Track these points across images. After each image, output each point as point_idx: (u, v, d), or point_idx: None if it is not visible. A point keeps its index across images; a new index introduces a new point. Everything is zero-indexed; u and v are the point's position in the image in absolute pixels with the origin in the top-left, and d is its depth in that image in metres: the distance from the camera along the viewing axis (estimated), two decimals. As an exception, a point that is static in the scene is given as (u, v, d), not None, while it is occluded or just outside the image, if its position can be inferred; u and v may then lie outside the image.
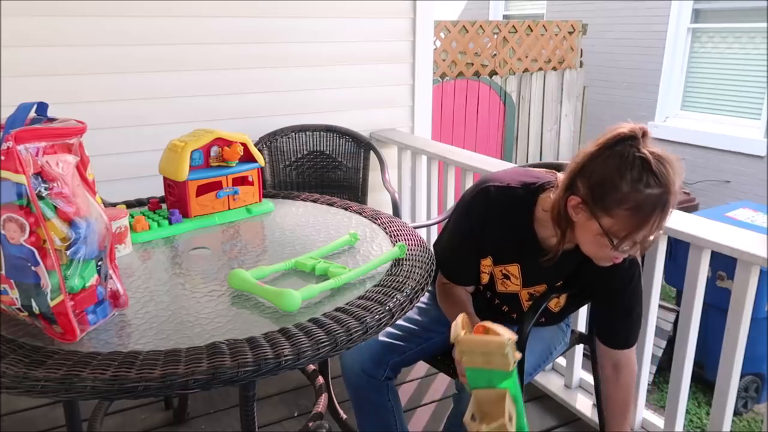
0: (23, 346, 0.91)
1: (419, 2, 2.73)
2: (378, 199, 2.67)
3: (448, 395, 2.14)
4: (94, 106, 2.20)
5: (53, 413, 2.01)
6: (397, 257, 1.27)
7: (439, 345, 1.53)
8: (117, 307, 1.02)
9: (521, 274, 1.38)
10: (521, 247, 1.34)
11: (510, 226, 1.33)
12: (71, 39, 2.12)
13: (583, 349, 2.05)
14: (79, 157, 0.96)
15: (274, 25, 2.46)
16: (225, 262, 1.28)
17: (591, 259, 1.24)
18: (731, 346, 1.56)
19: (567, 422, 2.02)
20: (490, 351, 0.93)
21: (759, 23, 5.43)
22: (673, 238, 1.69)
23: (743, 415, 2.75)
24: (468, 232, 1.38)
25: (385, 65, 2.76)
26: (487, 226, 1.34)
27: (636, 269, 1.31)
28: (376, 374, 1.44)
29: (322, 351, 0.92)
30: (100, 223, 0.95)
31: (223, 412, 2.04)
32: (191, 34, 2.32)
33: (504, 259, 1.38)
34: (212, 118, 2.37)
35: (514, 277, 1.39)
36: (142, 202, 1.64)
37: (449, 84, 5.28)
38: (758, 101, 5.55)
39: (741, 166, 5.58)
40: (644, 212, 1.09)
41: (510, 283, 1.40)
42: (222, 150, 1.54)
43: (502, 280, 1.41)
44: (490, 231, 1.34)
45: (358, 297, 1.10)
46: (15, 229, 0.85)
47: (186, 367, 0.85)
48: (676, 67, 6.14)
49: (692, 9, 6.01)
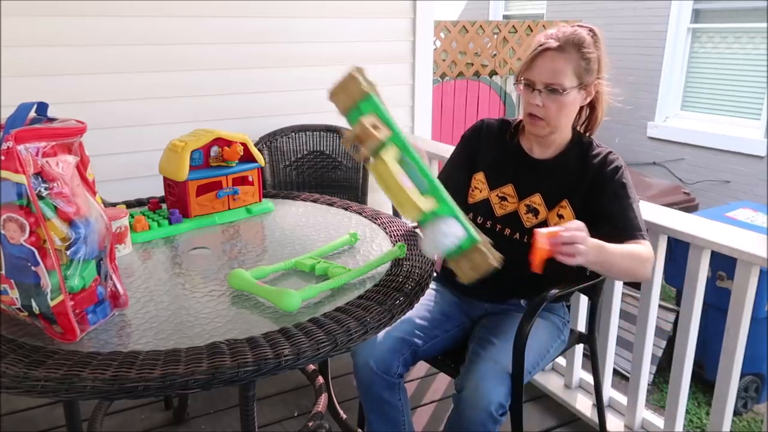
0: (23, 346, 0.91)
1: (419, 2, 2.73)
2: (378, 199, 2.66)
3: (448, 395, 2.14)
4: (94, 106, 2.20)
5: (53, 413, 2.01)
6: (396, 257, 1.27)
7: (444, 343, 1.54)
8: (117, 307, 1.02)
9: (516, 192, 1.49)
10: (513, 163, 1.51)
11: (502, 143, 1.53)
12: (71, 39, 2.12)
13: (583, 349, 2.05)
14: (79, 157, 0.96)
15: (274, 25, 2.46)
16: (225, 262, 1.28)
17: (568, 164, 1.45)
18: (731, 346, 1.56)
19: (567, 422, 2.02)
20: (344, 85, 1.06)
21: (759, 23, 5.43)
22: (673, 238, 1.69)
23: (743, 415, 2.75)
24: (465, 145, 1.60)
25: (385, 65, 2.76)
26: (481, 145, 1.55)
27: (617, 170, 1.42)
28: (389, 372, 1.44)
29: (322, 351, 0.92)
30: (100, 223, 0.96)
31: (223, 412, 2.04)
32: (191, 34, 2.32)
33: (500, 181, 1.52)
34: (212, 118, 2.37)
35: (510, 197, 1.50)
36: (142, 202, 1.64)
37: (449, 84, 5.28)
38: (758, 101, 5.55)
39: (741, 166, 5.58)
40: (530, 52, 1.40)
41: (507, 203, 1.50)
42: (222, 150, 1.54)
43: (500, 203, 1.51)
44: (485, 148, 1.55)
45: (358, 297, 1.10)
46: (15, 229, 0.85)
47: (186, 367, 0.85)
48: (676, 67, 6.14)
49: (692, 9, 6.01)
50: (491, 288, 1.53)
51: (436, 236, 1.06)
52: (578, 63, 1.37)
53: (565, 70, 1.36)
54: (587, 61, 1.38)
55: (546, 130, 1.43)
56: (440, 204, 1.07)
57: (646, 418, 1.91)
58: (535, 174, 1.49)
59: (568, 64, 1.36)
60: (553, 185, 1.47)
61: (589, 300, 1.68)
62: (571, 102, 1.40)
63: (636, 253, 1.34)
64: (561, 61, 1.36)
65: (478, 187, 1.55)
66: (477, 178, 1.55)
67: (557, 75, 1.36)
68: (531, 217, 1.48)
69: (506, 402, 1.30)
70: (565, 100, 1.38)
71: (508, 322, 1.47)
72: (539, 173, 1.48)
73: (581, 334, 1.69)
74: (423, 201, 1.05)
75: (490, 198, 1.53)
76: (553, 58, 1.36)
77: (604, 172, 1.43)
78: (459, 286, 1.58)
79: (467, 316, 1.59)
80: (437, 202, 1.07)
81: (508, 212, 1.50)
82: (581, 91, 1.41)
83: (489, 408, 1.27)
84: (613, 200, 1.41)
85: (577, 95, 1.40)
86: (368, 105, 1.05)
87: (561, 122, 1.42)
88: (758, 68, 5.53)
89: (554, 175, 1.47)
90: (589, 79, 1.40)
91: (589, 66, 1.38)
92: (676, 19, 6.07)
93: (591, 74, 1.40)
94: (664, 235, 1.70)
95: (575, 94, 1.39)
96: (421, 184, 1.07)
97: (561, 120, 1.42)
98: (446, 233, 1.06)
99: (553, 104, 1.38)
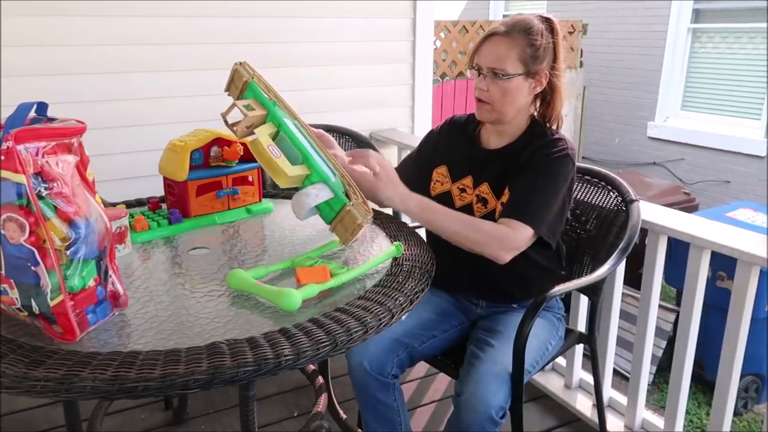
0: (23, 346, 0.91)
1: (419, 2, 2.73)
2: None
3: (448, 395, 2.14)
4: (94, 106, 2.20)
5: (53, 413, 2.01)
6: (394, 256, 1.27)
7: (441, 343, 1.54)
8: (117, 307, 1.02)
9: (473, 183, 1.50)
10: (470, 154, 1.52)
11: (465, 136, 1.55)
12: (71, 39, 2.12)
13: (583, 349, 2.05)
14: (79, 157, 0.96)
15: (274, 25, 2.46)
16: (225, 262, 1.28)
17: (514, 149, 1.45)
18: (731, 346, 1.56)
19: (567, 422, 2.02)
20: (231, 78, 1.30)
21: (759, 23, 5.43)
22: (673, 238, 1.69)
23: (743, 416, 2.75)
24: (426, 140, 1.63)
25: (385, 65, 2.76)
26: (446, 139, 1.58)
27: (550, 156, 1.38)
28: (382, 373, 1.44)
29: (322, 351, 0.92)
30: (100, 223, 0.95)
31: (223, 412, 2.04)
32: (191, 34, 2.32)
33: (460, 173, 1.52)
34: (212, 118, 2.35)
35: (468, 188, 1.51)
36: (142, 202, 1.64)
37: (449, 84, 5.28)
38: (758, 101, 5.55)
39: (741, 166, 5.58)
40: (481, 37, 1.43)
41: (466, 195, 1.51)
42: (222, 150, 1.54)
43: (460, 195, 1.52)
44: (448, 142, 1.57)
45: (358, 297, 1.10)
46: (15, 229, 0.85)
47: (186, 367, 0.85)
48: (676, 67, 6.14)
49: (692, 9, 6.01)
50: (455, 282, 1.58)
51: (299, 197, 1.19)
52: (524, 49, 1.36)
53: (509, 55, 1.35)
54: (534, 48, 1.36)
55: (492, 116, 1.42)
56: (312, 171, 1.21)
57: (646, 418, 1.91)
58: (484, 164, 1.48)
59: (512, 49, 1.35)
60: (500, 173, 1.45)
61: (589, 300, 1.68)
62: (515, 88, 1.38)
63: (478, 224, 1.33)
64: (505, 45, 1.36)
65: (440, 180, 1.55)
66: (439, 172, 1.55)
67: (500, 60, 1.36)
68: (481, 207, 1.47)
69: (506, 404, 1.30)
70: (507, 86, 1.37)
71: (505, 323, 1.47)
72: (488, 163, 1.48)
73: (581, 334, 1.69)
74: (291, 168, 1.18)
75: (451, 190, 1.53)
76: (498, 43, 1.37)
77: (537, 154, 1.39)
78: (449, 285, 1.58)
79: (465, 317, 1.59)
80: (309, 170, 1.21)
81: (465, 203, 1.50)
82: (528, 79, 1.39)
83: (489, 411, 1.26)
84: (524, 179, 1.38)
85: (523, 82, 1.38)
86: (250, 91, 1.26)
87: (506, 108, 1.40)
88: (758, 68, 5.53)
89: (500, 164, 1.45)
90: (536, 67, 1.38)
91: (536, 53, 1.37)
92: (676, 19, 6.07)
93: (539, 62, 1.38)
94: (664, 235, 1.70)
95: (520, 81, 1.38)
96: (296, 156, 1.22)
97: (506, 106, 1.40)
98: (308, 194, 1.18)
99: (497, 89, 1.38)
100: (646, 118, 6.36)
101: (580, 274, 1.67)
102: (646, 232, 1.73)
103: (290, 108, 1.30)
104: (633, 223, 1.55)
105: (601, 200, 1.67)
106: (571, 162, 1.39)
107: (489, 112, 1.42)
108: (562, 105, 1.47)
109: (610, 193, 1.65)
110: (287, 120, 1.25)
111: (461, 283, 1.58)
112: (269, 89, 1.29)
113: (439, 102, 5.13)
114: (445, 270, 1.35)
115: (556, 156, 1.38)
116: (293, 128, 1.25)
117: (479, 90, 1.41)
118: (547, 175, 1.37)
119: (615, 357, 2.00)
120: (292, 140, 1.23)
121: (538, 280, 1.49)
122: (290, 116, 1.28)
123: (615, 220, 1.61)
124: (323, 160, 1.25)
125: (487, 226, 1.33)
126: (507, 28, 1.37)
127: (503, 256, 1.31)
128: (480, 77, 1.40)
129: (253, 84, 1.26)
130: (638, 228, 1.55)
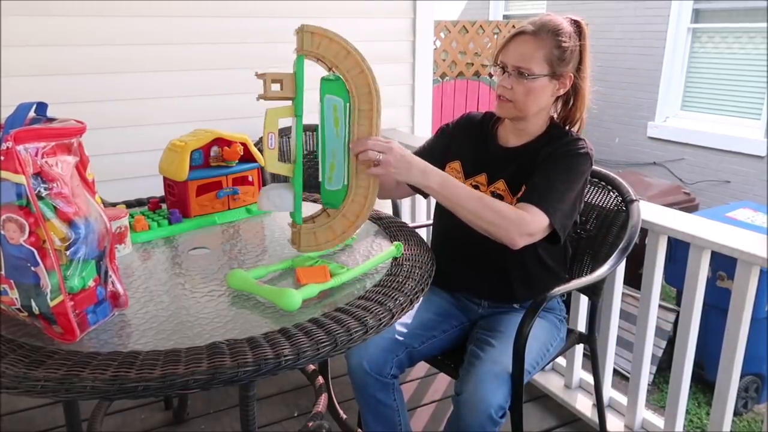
0: (23, 346, 0.91)
1: (419, 2, 2.73)
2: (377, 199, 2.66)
3: (448, 395, 2.14)
4: (94, 106, 2.20)
5: (53, 413, 2.01)
6: (394, 256, 1.27)
7: (441, 344, 1.54)
8: (117, 307, 1.02)
9: (487, 180, 1.48)
10: (486, 152, 1.51)
11: (481, 133, 1.54)
12: (71, 39, 2.12)
13: (583, 349, 2.05)
14: (79, 157, 0.96)
15: (274, 24, 2.45)
16: (225, 261, 1.28)
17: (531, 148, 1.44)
18: (731, 346, 1.56)
19: (567, 422, 2.02)
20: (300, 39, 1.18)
21: (759, 23, 5.43)
22: (673, 238, 1.69)
23: (743, 416, 2.75)
24: (440, 135, 1.60)
25: (385, 65, 2.75)
26: (459, 136, 1.56)
27: (569, 153, 1.39)
28: (381, 373, 1.44)
29: (322, 351, 0.92)
30: (99, 223, 0.95)
31: (223, 412, 2.04)
32: (191, 34, 2.32)
33: (475, 170, 1.50)
34: (212, 118, 2.36)
35: (482, 185, 1.48)
36: (142, 202, 1.64)
37: (449, 84, 5.28)
38: (758, 101, 5.55)
39: (741, 166, 5.57)
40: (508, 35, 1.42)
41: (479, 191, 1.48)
42: (222, 150, 1.54)
43: None
44: (462, 139, 1.55)
45: (358, 297, 1.10)
46: (15, 230, 0.85)
47: (186, 367, 0.85)
48: (676, 67, 6.13)
49: (692, 9, 6.01)
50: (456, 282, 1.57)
51: (262, 196, 1.23)
52: (551, 50, 1.35)
53: (535, 55, 1.35)
54: (561, 50, 1.36)
55: (512, 113, 1.41)
56: (294, 176, 1.23)
57: (646, 418, 1.91)
58: (501, 161, 1.47)
59: (539, 49, 1.35)
60: (516, 171, 1.44)
61: (589, 300, 1.68)
62: (540, 88, 1.37)
63: (498, 205, 1.30)
64: (532, 45, 1.35)
65: (453, 174, 1.53)
66: (452, 167, 1.53)
67: (527, 59, 1.35)
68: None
69: (506, 404, 1.30)
70: (532, 85, 1.37)
71: (505, 323, 1.47)
72: (505, 160, 1.47)
73: (581, 334, 1.69)
74: (276, 165, 1.21)
75: None
76: (526, 42, 1.36)
77: (558, 150, 1.40)
78: (450, 285, 1.58)
79: (466, 317, 1.59)
80: (294, 174, 1.23)
81: None
82: (553, 80, 1.38)
83: (488, 411, 1.26)
84: (544, 171, 1.37)
85: (547, 83, 1.38)
86: (297, 64, 1.19)
87: (529, 107, 1.40)
88: (758, 68, 5.52)
89: (517, 161, 1.45)
90: (562, 69, 1.38)
91: (563, 55, 1.36)
92: (676, 19, 6.07)
93: (565, 64, 1.38)
94: (664, 235, 1.70)
95: (545, 82, 1.37)
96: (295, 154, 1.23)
97: (529, 105, 1.39)
98: (271, 198, 1.22)
99: (521, 88, 1.37)
100: (646, 118, 6.35)
101: (580, 274, 1.67)
102: (646, 232, 1.73)
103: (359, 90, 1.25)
104: (633, 223, 1.54)
105: (601, 200, 1.67)
106: (590, 161, 1.40)
107: (510, 109, 1.41)
108: (585, 109, 1.47)
109: (610, 193, 1.65)
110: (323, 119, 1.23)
111: (462, 282, 1.58)
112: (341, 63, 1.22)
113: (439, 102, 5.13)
114: (446, 270, 1.35)
115: (577, 152, 1.39)
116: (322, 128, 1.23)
117: (502, 88, 1.40)
118: (567, 168, 1.37)
119: (615, 357, 2.00)
120: (297, 139, 1.22)
121: (541, 279, 1.49)
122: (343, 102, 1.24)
123: (615, 220, 1.61)
124: (340, 167, 1.24)
125: (505, 207, 1.30)
126: (535, 27, 1.36)
127: (518, 240, 1.30)
128: (504, 75, 1.39)
129: (301, 59, 1.19)
130: (638, 228, 1.55)
